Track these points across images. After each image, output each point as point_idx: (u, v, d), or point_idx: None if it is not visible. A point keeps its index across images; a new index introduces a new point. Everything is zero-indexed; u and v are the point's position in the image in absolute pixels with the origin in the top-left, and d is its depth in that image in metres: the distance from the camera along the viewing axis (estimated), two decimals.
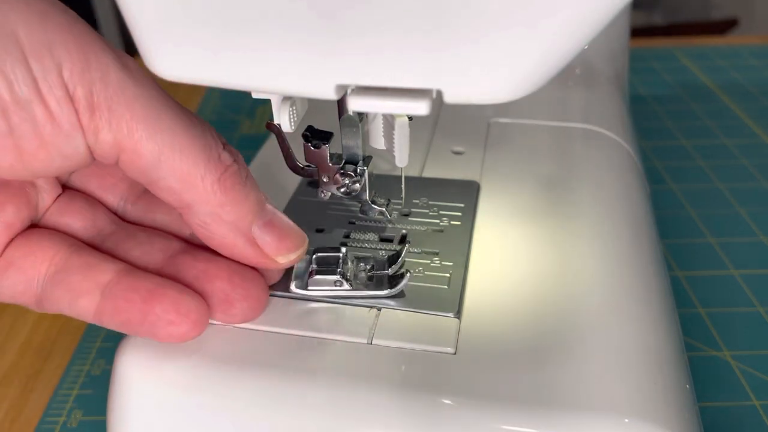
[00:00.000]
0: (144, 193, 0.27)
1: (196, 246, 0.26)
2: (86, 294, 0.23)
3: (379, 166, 0.34)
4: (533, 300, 0.26)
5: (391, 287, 0.26)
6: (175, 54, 0.21)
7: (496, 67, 0.19)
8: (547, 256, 0.28)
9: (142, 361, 0.25)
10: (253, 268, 0.25)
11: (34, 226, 0.25)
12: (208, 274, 0.25)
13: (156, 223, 0.27)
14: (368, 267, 0.27)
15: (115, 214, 0.27)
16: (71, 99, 0.21)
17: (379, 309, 0.26)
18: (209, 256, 0.25)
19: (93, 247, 0.26)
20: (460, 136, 0.37)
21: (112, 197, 0.27)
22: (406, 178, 0.30)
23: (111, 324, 0.24)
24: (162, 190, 0.23)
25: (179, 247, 0.26)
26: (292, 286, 0.26)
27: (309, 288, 0.26)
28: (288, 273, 0.27)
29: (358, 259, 0.28)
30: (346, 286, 0.26)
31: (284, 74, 0.21)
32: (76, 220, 0.26)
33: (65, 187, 0.27)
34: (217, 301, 0.24)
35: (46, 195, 0.25)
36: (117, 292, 0.23)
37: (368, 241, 0.29)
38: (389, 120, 0.26)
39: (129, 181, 0.27)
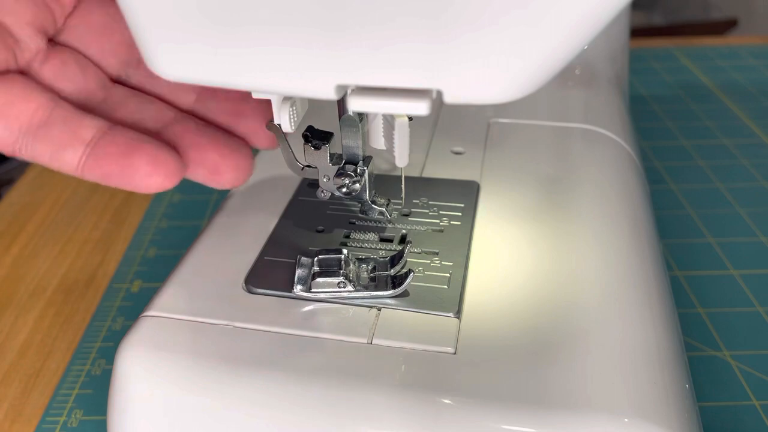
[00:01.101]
0: None
1: (188, 116, 0.27)
2: (69, 147, 0.24)
3: (379, 166, 0.34)
4: (533, 300, 0.26)
5: (395, 287, 0.26)
6: (175, 54, 0.21)
7: (496, 67, 0.19)
8: (547, 256, 0.28)
9: (142, 361, 0.25)
10: (240, 138, 0.27)
11: (14, 74, 0.25)
12: (200, 145, 0.26)
13: (159, 89, 0.28)
14: (370, 268, 0.27)
15: (117, 80, 0.28)
16: None
17: (379, 309, 0.26)
18: (200, 128, 0.27)
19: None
20: (460, 136, 0.37)
21: (114, 61, 0.28)
22: (406, 178, 0.31)
23: (92, 177, 0.25)
24: None
25: (171, 117, 0.27)
26: (296, 290, 0.26)
27: (312, 291, 0.26)
28: (291, 276, 0.27)
29: (360, 260, 0.28)
30: (349, 287, 0.26)
31: (284, 74, 0.21)
32: (64, 79, 0.26)
33: (56, 43, 0.27)
34: (208, 171, 0.26)
35: (27, 42, 0.25)
36: (99, 147, 0.24)
37: (368, 241, 0.29)
38: (389, 120, 0.26)
39: (128, 44, 0.27)
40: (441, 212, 0.31)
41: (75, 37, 0.27)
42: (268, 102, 0.27)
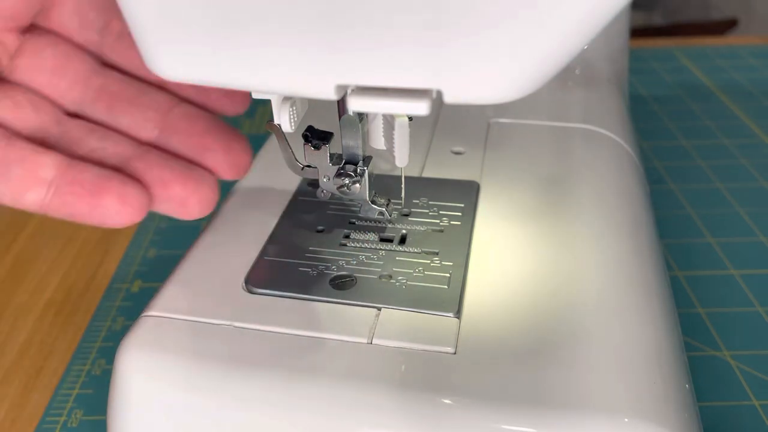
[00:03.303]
0: (101, 91, 0.27)
1: (150, 148, 0.27)
2: (31, 189, 0.24)
3: (379, 166, 0.34)
4: (533, 300, 0.26)
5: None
6: (175, 54, 0.21)
7: (496, 67, 0.19)
8: (546, 256, 0.28)
9: (142, 361, 0.25)
10: (204, 168, 0.27)
11: None
12: (165, 181, 0.26)
13: (118, 124, 0.27)
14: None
15: (76, 115, 0.27)
16: None
17: (379, 309, 0.26)
18: (164, 161, 0.26)
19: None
20: (460, 136, 0.37)
21: (68, 101, 0.27)
22: (406, 178, 0.31)
23: (58, 215, 0.24)
24: None
25: (132, 151, 0.27)
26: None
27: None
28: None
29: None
30: None
31: (284, 74, 0.21)
32: (16, 118, 0.25)
33: (5, 82, 0.26)
34: (174, 205, 0.26)
35: None
36: (63, 186, 0.24)
37: (368, 241, 0.29)
38: (389, 120, 0.26)
39: (84, 81, 0.27)
40: (441, 212, 0.31)
41: (26, 77, 0.26)
42: (233, 134, 0.27)
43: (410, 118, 0.25)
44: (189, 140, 0.28)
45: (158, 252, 0.43)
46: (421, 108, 0.20)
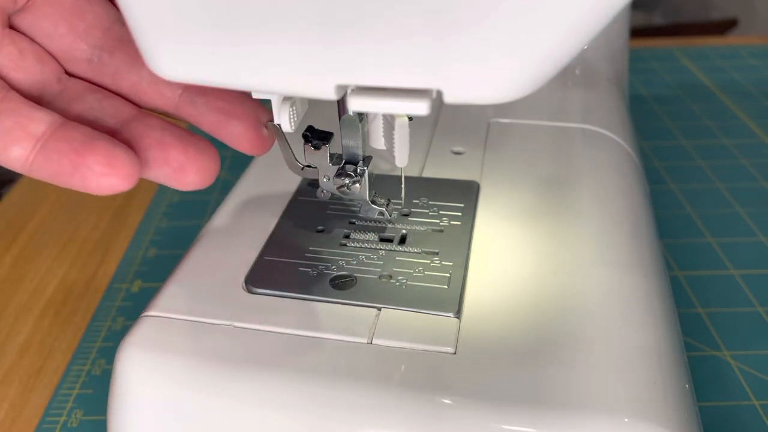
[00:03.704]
0: (122, 41, 0.26)
1: (150, 114, 0.26)
2: (17, 143, 0.23)
3: (379, 166, 0.34)
4: (533, 300, 0.26)
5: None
6: (175, 54, 0.21)
7: (496, 67, 0.19)
8: (546, 255, 0.28)
9: (142, 361, 0.25)
10: (226, 136, 0.26)
11: None
12: (164, 143, 0.24)
13: (138, 79, 0.26)
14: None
15: (83, 78, 0.26)
16: None
17: (379, 309, 0.26)
18: (164, 125, 0.25)
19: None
20: (460, 136, 0.37)
21: (85, 45, 0.26)
22: (406, 178, 0.31)
23: (41, 175, 0.23)
24: None
25: (132, 114, 0.25)
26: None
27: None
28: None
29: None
30: None
31: (284, 74, 0.21)
32: (19, 69, 0.24)
33: (14, 29, 0.25)
34: (172, 170, 0.25)
35: None
36: (50, 143, 0.23)
37: (368, 241, 0.29)
38: (389, 120, 0.26)
39: (105, 26, 0.26)
40: (441, 212, 0.31)
41: (42, 15, 0.25)
42: (261, 108, 0.26)
43: (410, 118, 0.25)
44: (215, 103, 0.26)
45: (158, 252, 0.43)
46: (421, 108, 0.20)
